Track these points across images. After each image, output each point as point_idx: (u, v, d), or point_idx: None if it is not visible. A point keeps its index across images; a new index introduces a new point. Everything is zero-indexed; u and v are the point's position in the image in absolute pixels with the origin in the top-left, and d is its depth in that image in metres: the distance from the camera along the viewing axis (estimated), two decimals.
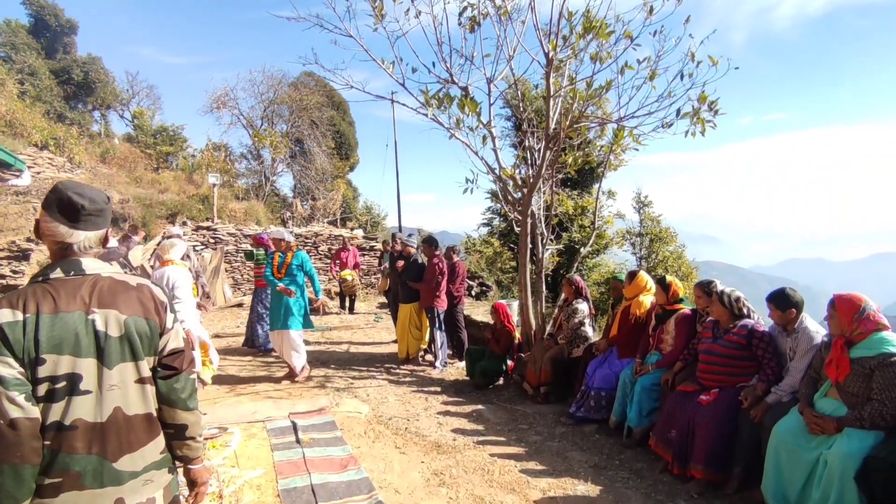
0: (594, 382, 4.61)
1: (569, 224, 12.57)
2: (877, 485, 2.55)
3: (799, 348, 3.27)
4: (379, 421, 4.73)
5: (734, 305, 3.57)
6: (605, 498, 3.33)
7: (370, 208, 24.42)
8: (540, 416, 4.89)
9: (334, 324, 9.72)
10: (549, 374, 5.18)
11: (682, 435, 3.52)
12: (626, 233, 14.85)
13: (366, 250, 13.35)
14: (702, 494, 3.35)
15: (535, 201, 6.01)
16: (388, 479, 3.54)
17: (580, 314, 5.18)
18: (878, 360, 2.74)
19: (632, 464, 3.87)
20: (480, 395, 5.62)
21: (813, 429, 2.89)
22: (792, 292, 3.34)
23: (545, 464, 3.85)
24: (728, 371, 3.53)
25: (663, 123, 5.24)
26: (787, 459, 2.96)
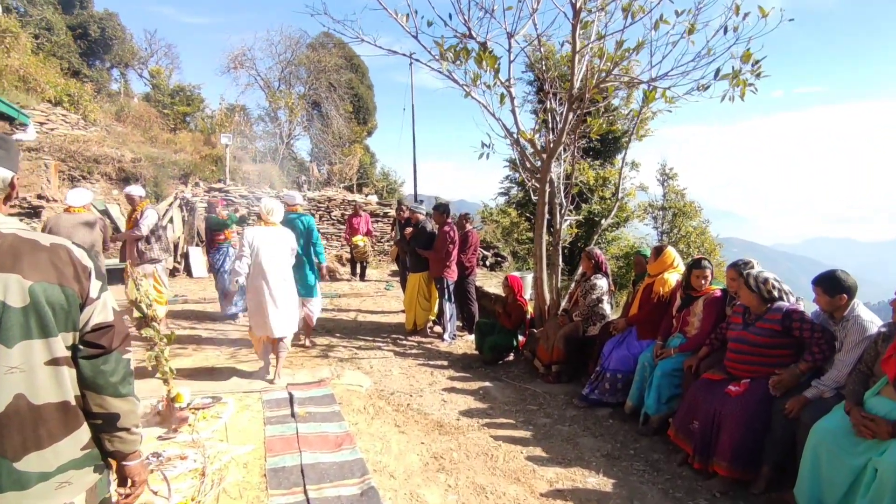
0: (610, 364, 4.30)
1: (589, 195, 12.07)
2: None
3: (848, 339, 2.89)
4: (380, 396, 4.50)
5: (762, 288, 3.19)
6: (618, 493, 3.05)
7: (387, 174, 24.04)
8: (550, 396, 4.62)
9: (343, 290, 9.53)
10: (561, 352, 4.88)
11: (706, 427, 3.20)
12: (649, 206, 14.26)
13: (379, 217, 13.05)
14: (725, 493, 3.05)
15: (555, 169, 5.60)
16: (383, 460, 3.32)
17: (598, 290, 4.83)
18: None
19: (648, 454, 3.58)
20: (489, 370, 5.36)
21: (862, 431, 2.54)
22: (844, 275, 2.94)
23: (554, 451, 3.58)
24: (761, 361, 3.18)
25: (699, 86, 4.76)
26: (828, 462, 2.63)
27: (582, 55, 4.94)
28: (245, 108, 20.51)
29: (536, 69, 5.91)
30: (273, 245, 4.53)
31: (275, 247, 4.53)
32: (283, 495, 2.83)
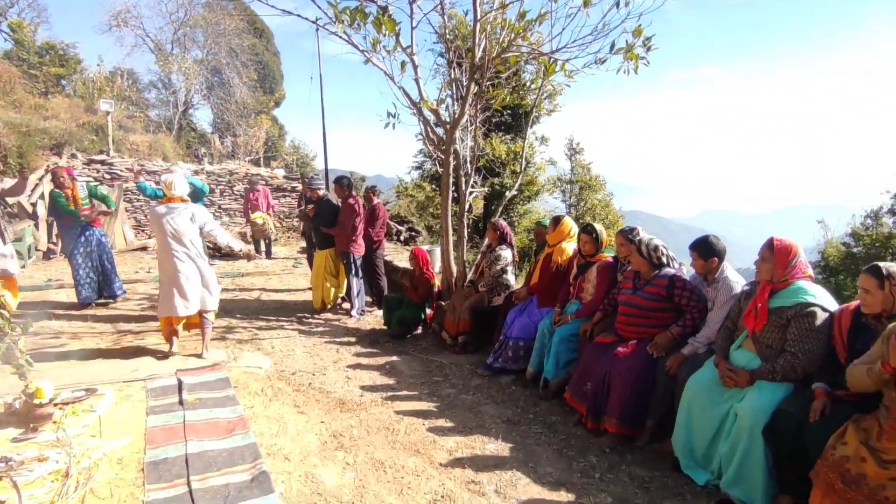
0: (512, 332, 4.40)
1: (500, 169, 12.24)
2: (783, 439, 2.46)
3: (718, 298, 3.13)
4: (280, 376, 4.30)
5: (652, 255, 3.37)
6: (515, 457, 3.13)
7: (298, 147, 22.98)
8: (456, 367, 4.66)
9: (247, 269, 9.02)
10: (467, 323, 4.92)
11: (598, 387, 3.36)
12: (558, 180, 14.79)
13: (287, 191, 12.45)
14: (614, 448, 3.23)
15: (461, 141, 5.56)
16: (279, 443, 3.17)
17: (503, 261, 4.90)
18: (794, 310, 2.61)
19: (546, 417, 3.71)
20: (397, 345, 5.31)
21: (726, 381, 2.77)
22: (715, 240, 3.16)
23: (456, 420, 3.61)
24: (648, 323, 3.37)
25: (597, 59, 4.87)
26: (699, 412, 2.85)
27: (484, 24, 4.87)
28: (133, 72, 18.57)
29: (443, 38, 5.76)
30: (176, 220, 4.35)
31: (178, 222, 4.35)
32: (163, 489, 2.61)
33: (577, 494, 2.76)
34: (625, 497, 2.75)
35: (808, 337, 2.57)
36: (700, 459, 2.90)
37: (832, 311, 2.61)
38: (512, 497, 2.72)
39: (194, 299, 4.45)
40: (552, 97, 12.72)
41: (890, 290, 2.25)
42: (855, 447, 2.11)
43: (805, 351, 2.56)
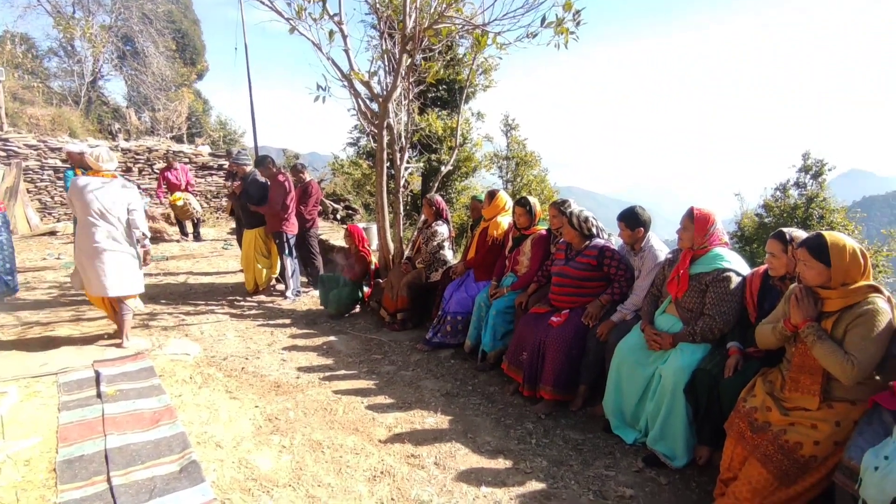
0: (450, 307, 4.42)
1: (437, 145, 12.15)
2: (701, 395, 2.64)
3: (644, 267, 3.27)
4: (210, 362, 4.11)
5: (583, 226, 3.46)
6: (454, 429, 3.17)
7: (225, 123, 21.72)
8: (396, 344, 4.64)
9: (172, 252, 8.52)
10: (406, 299, 4.90)
11: (533, 356, 3.45)
12: (494, 156, 14.91)
13: (213, 169, 11.77)
14: (549, 414, 3.34)
15: (395, 115, 5.44)
16: (210, 430, 3.03)
17: (439, 236, 4.88)
18: (712, 275, 2.77)
19: (484, 388, 3.78)
20: (334, 325, 5.22)
21: (651, 345, 2.92)
22: (641, 211, 3.29)
23: (395, 396, 3.60)
24: (580, 292, 3.48)
25: (528, 33, 4.88)
26: (627, 375, 2.99)
27: None
28: (27, 37, 16.74)
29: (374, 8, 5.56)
30: (104, 196, 4.04)
31: (106, 198, 4.04)
32: (79, 488, 2.43)
33: (515, 460, 2.84)
34: (559, 460, 2.86)
35: (724, 300, 2.74)
36: (629, 419, 3.06)
37: (745, 276, 2.79)
38: (451, 468, 2.76)
39: (115, 281, 4.14)
40: (487, 72, 12.69)
41: (792, 254, 2.42)
42: (762, 398, 2.28)
43: (721, 313, 2.73)
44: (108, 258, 4.07)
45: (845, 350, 2.07)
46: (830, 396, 2.17)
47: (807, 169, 17.75)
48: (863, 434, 2.02)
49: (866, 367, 2.04)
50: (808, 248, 2.18)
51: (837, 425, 2.09)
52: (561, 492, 2.57)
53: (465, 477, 2.69)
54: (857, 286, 2.11)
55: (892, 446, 1.89)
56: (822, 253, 2.13)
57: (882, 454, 1.89)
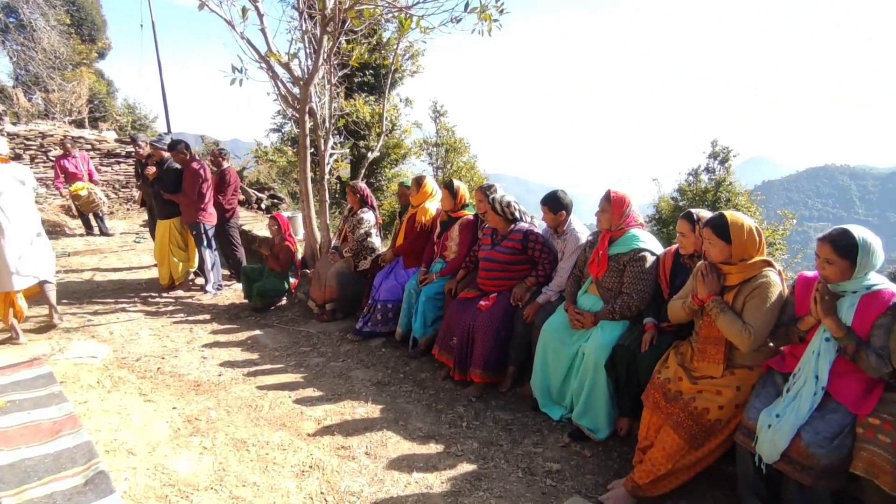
0: (380, 295, 4.36)
1: (366, 132, 11.90)
2: (620, 370, 2.77)
3: (567, 249, 3.37)
4: (121, 364, 3.82)
5: (506, 211, 3.51)
6: (385, 417, 3.14)
7: (133, 107, 20.10)
8: (325, 335, 4.53)
9: (76, 248, 7.81)
10: (334, 289, 4.78)
11: (463, 341, 3.47)
12: (424, 142, 14.83)
13: (121, 157, 10.86)
14: (480, 397, 3.39)
15: (317, 99, 5.24)
16: (121, 437, 2.82)
17: (365, 224, 4.79)
18: (629, 255, 2.90)
19: (416, 375, 3.77)
20: (260, 318, 5.01)
21: (575, 324, 3.02)
22: (563, 195, 3.37)
23: (325, 388, 3.52)
24: (506, 276, 3.53)
25: (452, 17, 4.85)
26: (553, 354, 3.08)
27: None
28: None
29: None
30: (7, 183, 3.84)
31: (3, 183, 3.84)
32: None
33: (446, 444, 2.86)
34: (490, 440, 2.91)
35: (640, 279, 2.88)
36: (555, 397, 3.16)
37: (658, 255, 2.94)
38: (382, 457, 2.73)
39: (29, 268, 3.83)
40: (414, 58, 12.57)
41: (699, 232, 2.58)
42: (674, 369, 2.43)
43: (638, 291, 2.87)
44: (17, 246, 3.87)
45: (744, 320, 2.24)
46: (732, 364, 2.34)
47: (715, 155, 19.14)
48: (759, 396, 2.20)
49: (761, 334, 2.21)
50: (711, 226, 2.32)
51: (738, 390, 2.26)
52: (491, 471, 2.62)
53: (396, 464, 2.68)
54: (753, 261, 2.28)
55: (782, 406, 2.08)
56: (724, 231, 2.28)
57: (774, 413, 2.07)
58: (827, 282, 2.09)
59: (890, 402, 1.96)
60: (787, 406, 2.06)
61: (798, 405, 2.04)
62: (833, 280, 2.06)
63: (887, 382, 2.03)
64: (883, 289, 2.02)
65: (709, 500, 2.40)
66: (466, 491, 2.47)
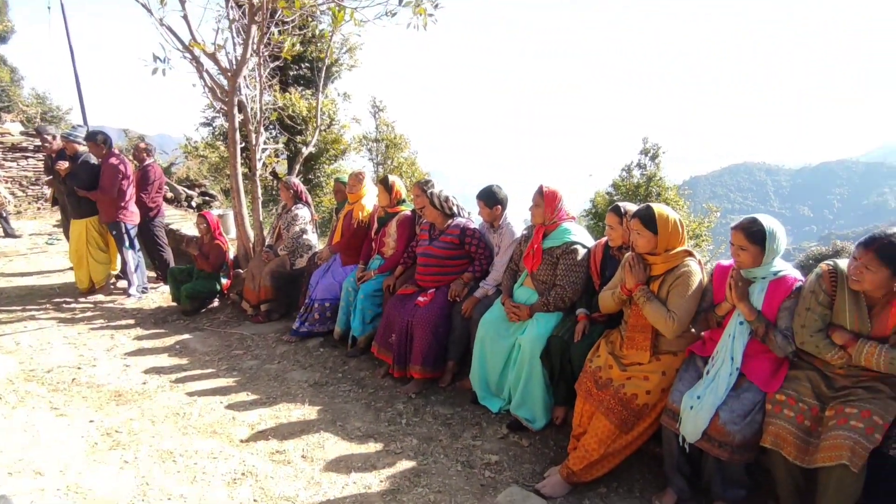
0: (317, 293, 4.25)
1: (303, 126, 11.57)
2: (555, 360, 2.83)
3: (503, 243, 3.41)
4: (29, 377, 3.52)
5: (444, 206, 3.52)
6: (323, 419, 3.07)
7: (43, 98, 18.54)
8: (260, 337, 4.37)
9: None
10: (269, 289, 4.62)
11: (402, 337, 3.45)
12: (363, 138, 14.61)
13: (28, 151, 9.98)
14: (419, 393, 3.38)
15: (249, 92, 5.03)
16: (28, 457, 2.59)
17: (300, 220, 4.65)
18: (562, 248, 2.97)
19: (355, 374, 3.71)
20: (190, 322, 4.76)
21: (511, 317, 3.06)
22: (498, 189, 3.41)
23: (259, 392, 3.39)
24: (444, 271, 3.53)
25: (387, 11, 4.79)
26: (490, 347, 3.11)
27: None
28: None
29: None
30: None
31: None
32: None
33: (385, 442, 2.82)
34: (429, 436, 2.90)
35: (572, 271, 2.95)
36: (494, 389, 3.20)
37: (589, 247, 3.03)
38: (319, 459, 2.66)
39: None
40: (352, 51, 12.35)
41: (626, 225, 2.68)
42: (605, 357, 2.51)
43: (571, 283, 2.95)
44: None
45: (668, 308, 2.34)
46: (658, 350, 2.45)
47: (646, 152, 20.11)
48: (682, 380, 2.31)
49: (684, 321, 2.33)
50: (639, 218, 2.41)
51: (663, 374, 2.37)
52: (430, 467, 2.62)
53: (334, 466, 2.62)
54: (676, 251, 2.39)
55: (702, 387, 2.20)
56: (651, 222, 2.38)
57: (695, 394, 2.18)
58: (740, 269, 2.23)
59: (793, 379, 2.11)
60: (706, 387, 2.18)
61: (716, 386, 2.17)
62: (746, 266, 2.20)
63: (792, 361, 2.19)
64: (787, 274, 2.18)
65: (638, 481, 2.51)
66: (405, 488, 2.45)
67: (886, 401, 1.90)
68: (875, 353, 1.90)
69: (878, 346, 1.91)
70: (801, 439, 1.97)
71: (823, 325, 2.05)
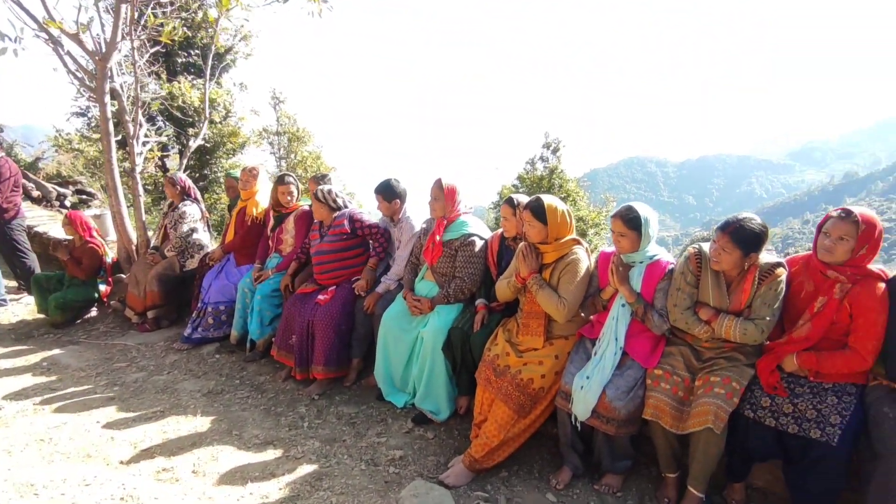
0: (210, 297, 3.98)
1: (196, 118, 10.77)
2: (456, 351, 2.86)
3: (403, 237, 3.39)
4: None
5: (328, 199, 3.43)
6: (216, 429, 2.87)
7: None
8: (146, 347, 4.01)
9: None
10: (156, 294, 4.25)
11: (303, 338, 3.32)
12: (263, 131, 13.89)
13: None
14: (323, 394, 3.28)
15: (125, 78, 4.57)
16: None
17: (189, 218, 4.31)
18: (460, 240, 3.00)
19: (254, 380, 3.52)
20: (61, 335, 4.27)
21: (413, 311, 3.05)
22: (396, 183, 3.38)
23: (144, 407, 3.11)
24: (343, 265, 3.44)
25: None
26: (394, 342, 3.09)
27: None
28: None
29: None
30: None
31: None
32: None
33: (286, 448, 2.71)
34: (332, 438, 2.82)
35: (470, 262, 3.00)
36: (399, 384, 3.18)
37: (487, 239, 3.09)
38: (212, 472, 2.49)
39: None
40: (247, 39, 11.68)
41: (520, 216, 2.76)
42: (502, 345, 2.58)
43: (469, 274, 2.99)
44: None
45: (559, 294, 2.45)
46: (551, 335, 2.56)
47: (548, 146, 21.03)
48: (573, 362, 2.43)
49: (573, 306, 2.45)
50: (531, 209, 2.49)
51: (556, 358, 2.48)
52: (333, 469, 2.54)
53: (229, 478, 2.46)
54: (565, 240, 2.50)
55: (591, 368, 2.32)
56: (542, 213, 2.46)
57: (585, 375, 2.30)
58: (621, 254, 2.38)
59: (668, 355, 2.30)
60: (594, 368, 2.31)
61: (603, 366, 2.30)
62: (626, 251, 2.35)
63: (667, 338, 2.38)
64: (661, 258, 2.36)
65: (537, 462, 2.61)
66: (306, 493, 2.36)
67: (742, 367, 2.13)
68: (732, 325, 2.11)
69: (735, 319, 2.12)
70: (675, 409, 2.15)
71: (691, 303, 2.24)
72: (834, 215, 2.00)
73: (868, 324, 1.94)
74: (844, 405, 1.93)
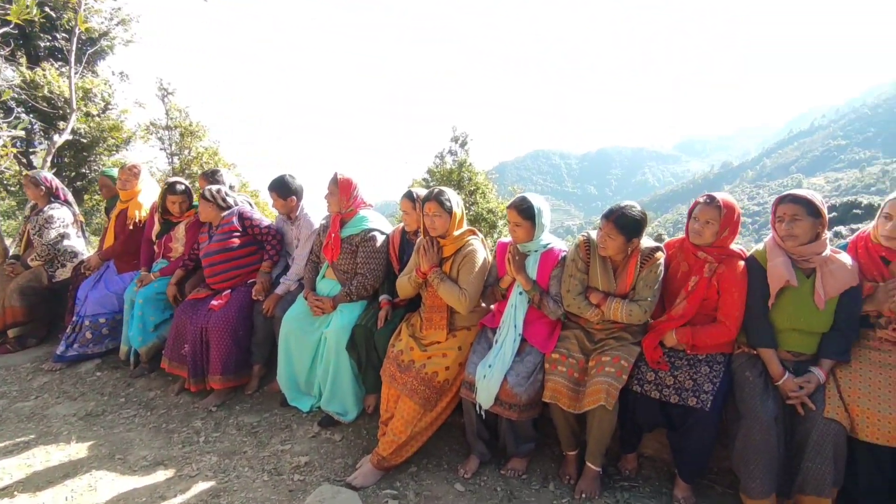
0: (87, 309, 3.59)
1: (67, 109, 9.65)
2: (361, 349, 2.80)
3: (301, 235, 3.26)
4: None
5: (217, 198, 3.23)
6: (95, 455, 2.59)
7: None
8: (9, 370, 3.55)
9: None
10: (19, 310, 3.76)
11: (196, 347, 3.10)
12: (151, 125, 12.75)
13: None
14: (221, 405, 3.08)
15: None
16: None
17: (57, 223, 3.84)
18: (360, 236, 2.93)
19: (142, 396, 3.23)
20: None
21: (315, 311, 2.94)
22: (291, 179, 3.23)
23: (5, 438, 2.74)
24: (236, 265, 3.25)
25: None
26: (296, 345, 2.96)
27: None
28: None
29: None
30: None
31: None
32: None
33: (178, 467, 2.51)
34: (231, 450, 2.66)
35: (372, 258, 2.94)
36: (304, 388, 3.06)
37: (388, 234, 3.05)
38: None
39: None
40: (125, 24, 10.66)
41: (420, 210, 2.74)
42: (406, 340, 2.56)
43: (371, 270, 2.93)
44: None
45: (460, 286, 2.46)
46: (454, 327, 2.58)
47: (456, 139, 21.29)
48: (476, 352, 2.46)
49: (474, 296, 2.48)
50: (437, 201, 2.48)
51: (460, 350, 2.50)
52: (232, 483, 2.39)
53: None
54: (461, 232, 2.53)
55: (492, 357, 2.36)
56: (448, 205, 2.47)
57: (487, 364, 2.34)
58: (517, 243, 2.44)
59: (564, 339, 2.40)
60: (496, 356, 2.35)
61: (504, 353, 2.35)
62: (521, 240, 2.42)
63: (563, 322, 2.48)
64: (554, 247, 2.45)
65: (446, 454, 2.62)
66: None
67: (630, 346, 2.27)
68: (619, 307, 2.24)
69: (621, 301, 2.26)
70: (572, 390, 2.24)
71: (582, 288, 2.35)
72: (701, 201, 2.18)
73: (732, 298, 2.14)
74: (715, 373, 2.13)
